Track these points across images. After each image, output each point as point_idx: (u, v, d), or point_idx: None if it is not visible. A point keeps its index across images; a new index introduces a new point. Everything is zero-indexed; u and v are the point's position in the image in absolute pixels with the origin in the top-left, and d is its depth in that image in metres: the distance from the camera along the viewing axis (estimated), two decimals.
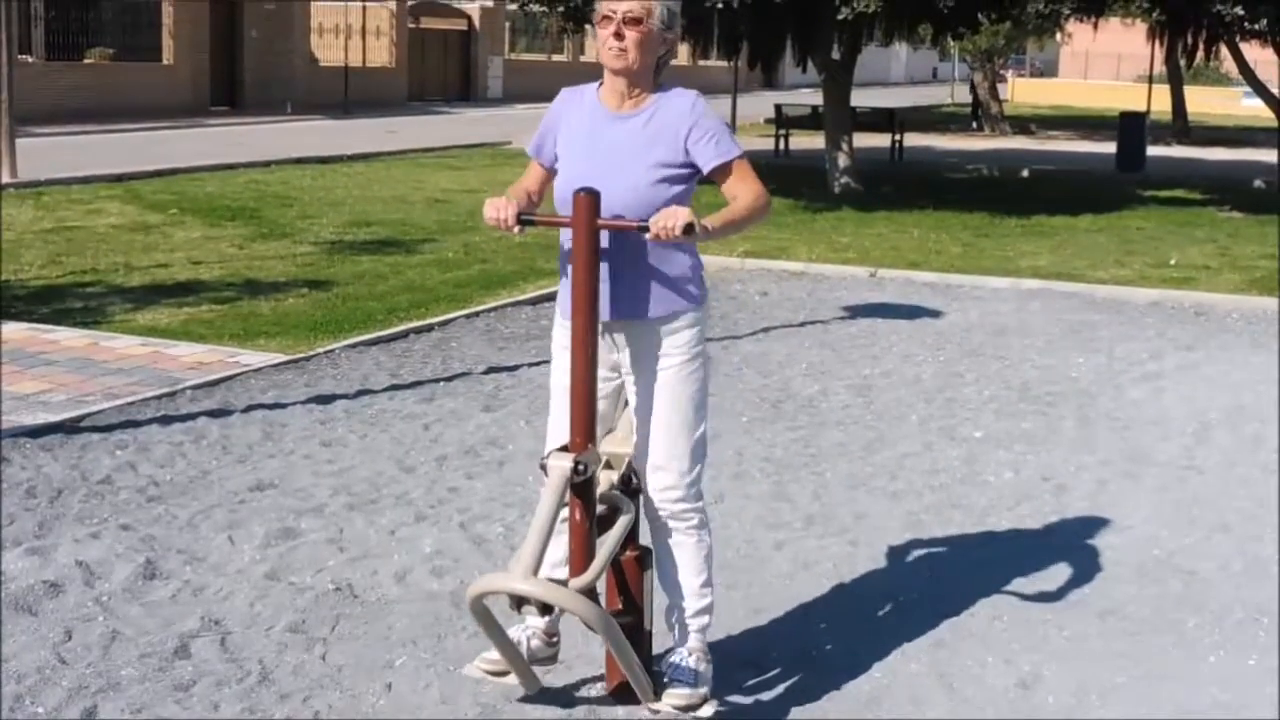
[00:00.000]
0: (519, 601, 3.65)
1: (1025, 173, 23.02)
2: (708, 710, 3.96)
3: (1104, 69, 59.07)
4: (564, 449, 3.75)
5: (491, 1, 43.46)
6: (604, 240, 3.77)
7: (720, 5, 16.19)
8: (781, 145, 25.21)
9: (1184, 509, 6.15)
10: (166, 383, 7.69)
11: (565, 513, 3.83)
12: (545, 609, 3.68)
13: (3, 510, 5.60)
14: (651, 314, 3.87)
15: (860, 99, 23.63)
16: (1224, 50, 20.06)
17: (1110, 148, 25.65)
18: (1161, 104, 35.30)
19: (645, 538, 4.16)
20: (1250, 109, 35.11)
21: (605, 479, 3.90)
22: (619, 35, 3.78)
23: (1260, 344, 9.78)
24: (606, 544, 3.85)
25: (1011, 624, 4.84)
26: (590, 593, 3.77)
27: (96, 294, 10.45)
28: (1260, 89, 18.51)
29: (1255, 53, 19.11)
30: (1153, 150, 25.56)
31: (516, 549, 3.84)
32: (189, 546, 5.32)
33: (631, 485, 3.96)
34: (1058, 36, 41.14)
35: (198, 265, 11.90)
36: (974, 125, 35.85)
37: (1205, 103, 42.32)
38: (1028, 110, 43.75)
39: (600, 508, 3.88)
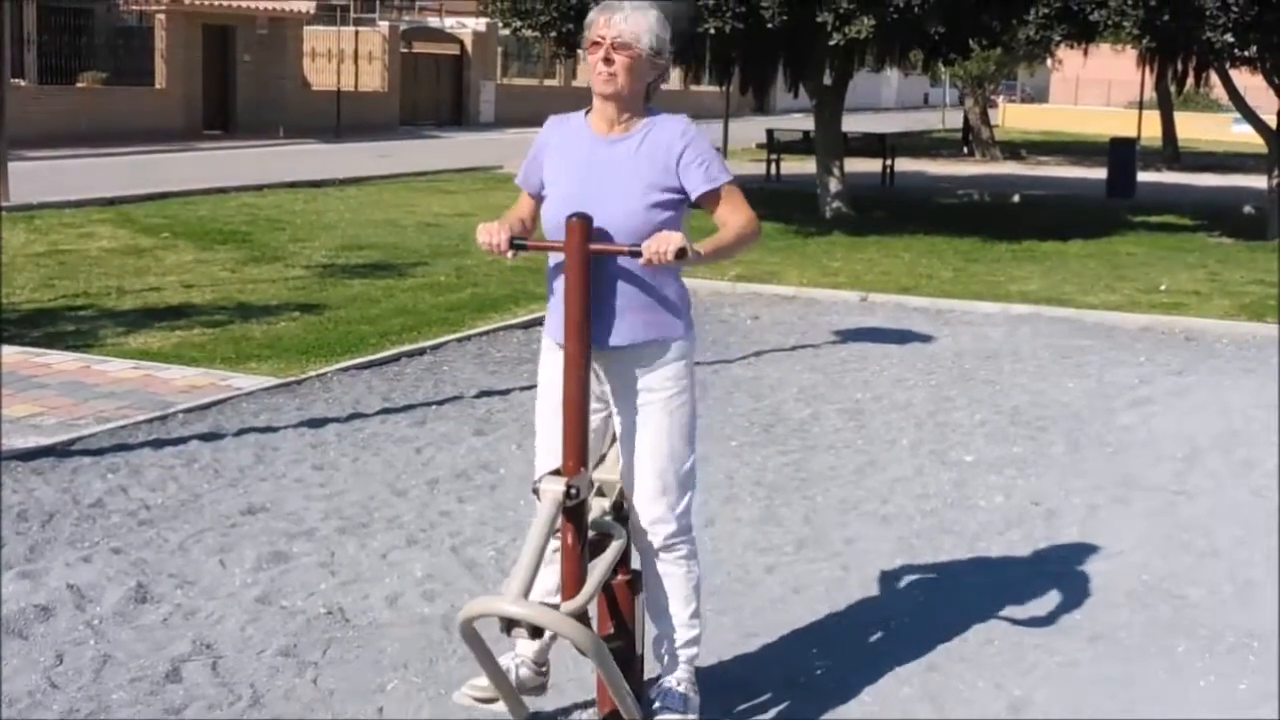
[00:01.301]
0: (509, 624, 3.61)
1: (1016, 198, 23.07)
2: None
3: (1094, 95, 59.25)
4: (556, 473, 3.75)
5: (484, 26, 43.53)
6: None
7: (712, 30, 16.25)
8: (773, 170, 25.27)
9: (1174, 534, 6.17)
10: (158, 406, 7.69)
11: (556, 542, 3.83)
12: (536, 632, 3.65)
13: (1, 533, 5.60)
14: (638, 341, 3.83)
15: (851, 124, 23.70)
16: (1214, 77, 20.09)
17: (1101, 173, 25.73)
18: (1152, 130, 35.46)
19: (637, 561, 4.17)
20: (1240, 135, 35.17)
21: (598, 506, 3.89)
22: (608, 60, 3.76)
23: (1250, 369, 9.81)
24: (599, 568, 3.84)
25: (1002, 648, 4.85)
26: (582, 617, 3.75)
27: (88, 317, 10.45)
28: (1250, 115, 18.53)
29: (1245, 79, 19.16)
30: (1143, 176, 25.63)
31: (509, 572, 3.83)
32: (180, 570, 5.32)
33: (623, 511, 3.96)
34: (1048, 62, 41.21)
35: (189, 289, 11.90)
36: (965, 151, 35.96)
37: (1195, 129, 42.48)
38: (1018, 136, 43.89)
39: (591, 534, 3.88)
